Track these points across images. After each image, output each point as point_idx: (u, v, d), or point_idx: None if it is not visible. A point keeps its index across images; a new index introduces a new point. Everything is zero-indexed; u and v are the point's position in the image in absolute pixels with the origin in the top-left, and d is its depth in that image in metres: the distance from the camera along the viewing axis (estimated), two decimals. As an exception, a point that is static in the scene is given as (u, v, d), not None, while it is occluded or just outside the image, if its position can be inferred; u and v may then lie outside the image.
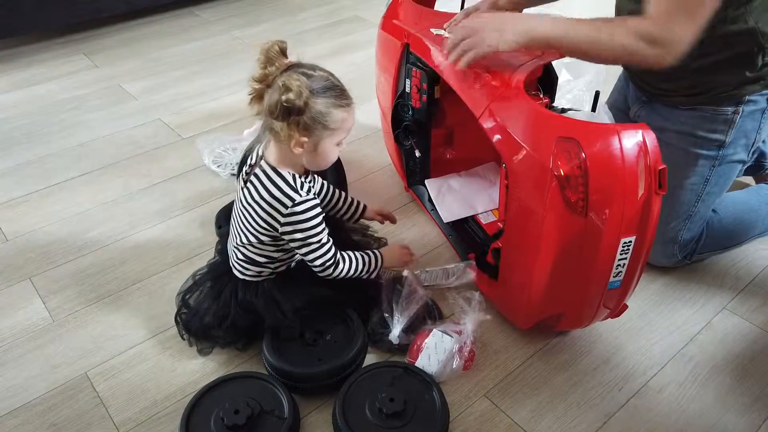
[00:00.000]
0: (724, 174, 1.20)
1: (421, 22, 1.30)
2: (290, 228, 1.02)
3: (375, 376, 1.05)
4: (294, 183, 1.02)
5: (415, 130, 1.38)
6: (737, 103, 1.13)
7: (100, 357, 1.16)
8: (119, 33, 2.52)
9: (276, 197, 1.01)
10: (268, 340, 1.10)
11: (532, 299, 1.05)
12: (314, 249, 1.05)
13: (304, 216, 1.02)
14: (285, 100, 0.92)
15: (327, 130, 0.98)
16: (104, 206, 1.55)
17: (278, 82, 0.93)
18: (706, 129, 1.15)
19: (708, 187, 1.20)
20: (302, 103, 0.93)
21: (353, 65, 2.22)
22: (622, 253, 0.92)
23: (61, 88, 2.11)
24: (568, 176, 0.89)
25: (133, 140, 1.82)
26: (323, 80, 0.97)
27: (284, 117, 0.94)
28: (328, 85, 0.97)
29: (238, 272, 1.13)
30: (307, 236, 1.03)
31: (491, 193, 1.46)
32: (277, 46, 0.96)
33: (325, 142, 1.00)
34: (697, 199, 1.21)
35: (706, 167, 1.18)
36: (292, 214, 1.01)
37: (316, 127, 0.96)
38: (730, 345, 1.17)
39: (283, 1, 2.83)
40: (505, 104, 1.02)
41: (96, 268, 1.36)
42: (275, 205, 1.01)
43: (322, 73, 0.98)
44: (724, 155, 1.17)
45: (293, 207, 1.00)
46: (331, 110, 0.97)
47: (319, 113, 0.96)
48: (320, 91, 0.96)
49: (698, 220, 1.24)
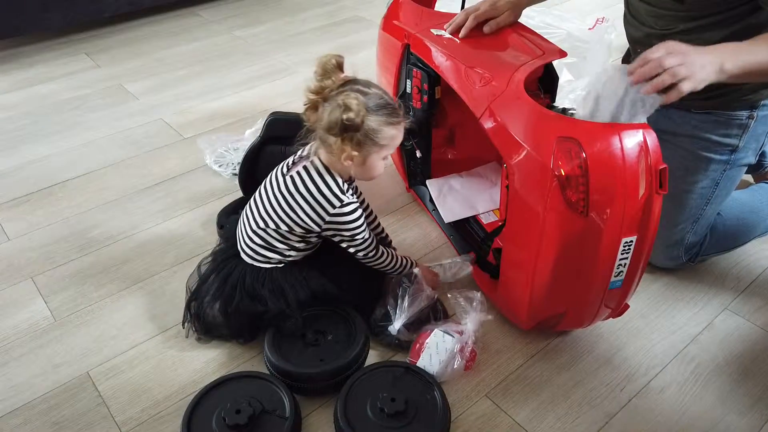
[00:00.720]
0: (732, 177, 1.20)
1: (422, 22, 1.30)
2: (335, 227, 1.08)
3: (376, 375, 1.06)
4: (342, 186, 1.06)
5: (416, 131, 1.38)
6: (752, 108, 1.13)
7: (101, 356, 1.16)
8: (121, 33, 2.53)
9: (325, 195, 1.05)
10: (270, 339, 1.10)
11: (534, 299, 1.05)
12: (358, 244, 1.11)
13: (350, 217, 1.07)
14: (346, 119, 0.96)
15: (377, 146, 1.02)
16: (106, 206, 1.56)
17: (338, 100, 0.98)
18: (720, 133, 1.15)
19: (717, 190, 1.20)
20: (360, 122, 0.97)
21: (354, 65, 2.19)
22: (623, 252, 0.92)
23: (63, 88, 2.12)
24: (568, 176, 0.89)
25: (134, 140, 1.82)
26: (377, 98, 1.01)
27: (341, 133, 0.99)
28: (382, 104, 1.01)
29: (248, 257, 1.13)
30: (353, 235, 1.09)
31: (492, 193, 1.46)
32: (335, 60, 1.01)
33: (374, 156, 1.04)
34: (706, 203, 1.21)
35: (718, 171, 1.18)
36: (338, 215, 1.06)
37: (367, 143, 1.01)
38: (731, 345, 1.17)
39: (284, 2, 2.83)
40: (506, 104, 1.02)
41: (98, 267, 1.37)
42: (323, 203, 1.05)
43: (377, 92, 1.02)
44: (735, 159, 1.17)
45: (340, 208, 1.05)
46: (383, 128, 1.01)
47: (372, 130, 1.00)
48: (374, 109, 1.00)
49: (705, 223, 1.24)
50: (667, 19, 1.13)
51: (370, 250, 1.13)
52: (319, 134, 1.03)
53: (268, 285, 1.11)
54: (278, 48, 2.38)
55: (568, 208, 0.91)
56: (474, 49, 1.20)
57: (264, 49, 2.37)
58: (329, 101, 1.00)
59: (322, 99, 1.01)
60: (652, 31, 1.17)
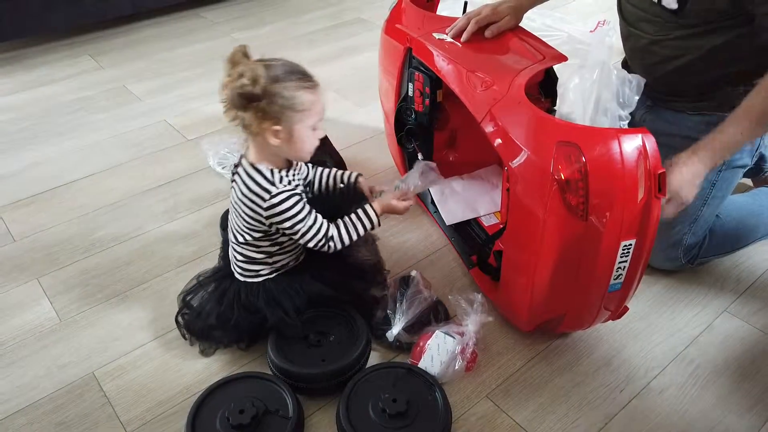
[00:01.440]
0: (729, 179, 1.21)
1: (424, 26, 1.31)
2: (276, 219, 1.04)
3: (378, 376, 1.07)
4: (271, 176, 1.04)
5: (418, 133, 1.39)
6: None
7: (106, 357, 1.17)
8: (124, 34, 2.54)
9: (255, 192, 1.03)
10: (273, 340, 1.11)
11: (534, 301, 1.06)
12: (304, 233, 1.06)
13: (284, 206, 1.03)
14: (239, 86, 0.93)
15: (297, 113, 0.98)
16: (110, 207, 1.57)
17: (233, 72, 0.95)
18: None
19: (714, 191, 1.21)
20: (259, 90, 0.94)
21: (357, 67, 2.23)
22: (623, 255, 0.93)
23: (67, 90, 2.13)
24: (568, 180, 0.90)
25: (138, 141, 1.84)
26: (284, 67, 0.98)
27: (245, 105, 0.96)
28: (289, 70, 0.98)
29: (238, 274, 1.15)
30: (294, 223, 1.04)
31: (493, 195, 1.47)
32: (240, 51, 0.98)
33: (298, 127, 1.00)
34: (703, 204, 1.22)
35: (713, 172, 1.19)
36: (272, 206, 1.03)
37: (285, 113, 0.97)
38: (730, 347, 1.18)
39: (287, 4, 2.84)
40: (507, 108, 1.03)
41: (102, 268, 1.38)
42: (255, 199, 1.03)
43: (284, 62, 1.00)
44: (730, 161, 1.18)
45: (271, 199, 1.02)
46: (296, 93, 0.97)
47: (284, 98, 0.96)
48: (282, 76, 0.97)
49: (703, 224, 1.25)
50: (660, 25, 1.14)
51: (320, 239, 1.07)
52: (240, 120, 0.99)
53: (263, 297, 1.12)
54: (281, 49, 2.39)
55: (567, 212, 0.92)
56: (475, 53, 1.21)
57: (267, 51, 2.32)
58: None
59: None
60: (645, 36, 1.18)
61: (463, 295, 1.16)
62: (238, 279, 1.15)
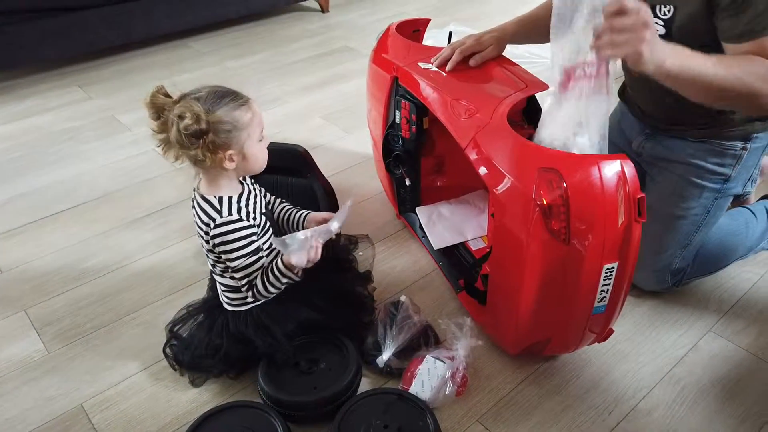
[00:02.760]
0: (722, 206, 1.24)
1: (410, 56, 1.34)
2: (219, 248, 1.04)
3: (369, 403, 1.07)
4: (219, 205, 1.04)
5: (406, 160, 1.42)
6: (745, 139, 1.17)
7: (95, 388, 1.17)
8: (113, 65, 2.57)
9: (204, 222, 1.05)
10: (263, 368, 1.11)
11: (520, 325, 1.07)
12: (235, 268, 1.06)
13: (227, 238, 1.03)
14: (183, 127, 0.94)
15: (242, 132, 1.00)
16: (99, 237, 1.57)
17: (170, 117, 0.96)
18: (715, 162, 1.19)
19: (707, 218, 1.24)
20: (204, 125, 0.96)
21: (344, 94, 2.26)
22: (606, 278, 0.95)
23: (56, 120, 2.14)
24: (550, 205, 0.92)
25: (127, 171, 1.85)
26: (212, 94, 0.99)
27: (194, 143, 0.97)
28: (219, 95, 1.00)
29: (226, 304, 1.15)
30: (230, 256, 1.04)
31: (480, 220, 1.49)
32: (158, 92, 0.99)
33: (248, 144, 1.02)
34: (697, 229, 1.25)
35: (710, 199, 1.21)
36: (215, 235, 1.04)
37: (231, 136, 0.99)
38: (716, 367, 1.20)
39: (275, 33, 2.89)
40: (490, 136, 1.05)
41: (91, 299, 1.38)
42: (204, 228, 1.05)
43: (209, 89, 1.01)
44: (727, 189, 1.21)
45: (214, 228, 1.03)
46: (233, 114, 0.99)
47: (226, 123, 0.98)
48: (216, 103, 0.98)
49: (693, 249, 1.27)
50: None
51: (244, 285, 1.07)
52: (189, 160, 1.01)
53: (251, 325, 1.12)
54: (269, 78, 2.43)
55: (550, 236, 0.94)
56: (459, 82, 1.24)
57: (257, 79, 2.41)
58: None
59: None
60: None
61: (452, 319, 1.17)
62: (226, 309, 1.15)
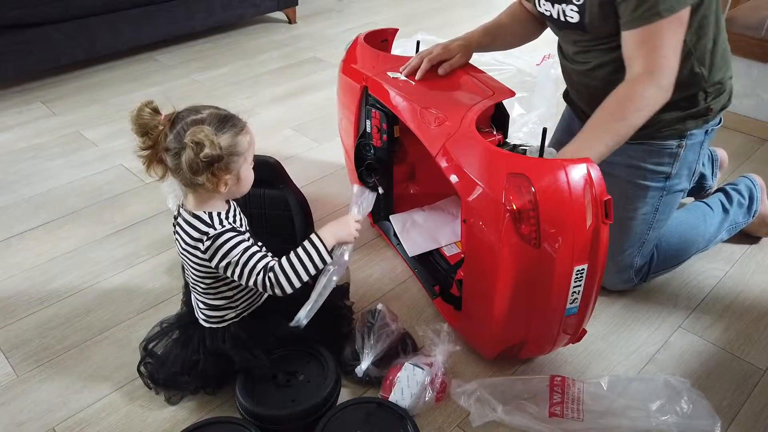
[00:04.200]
0: (670, 202, 1.28)
1: (378, 66, 1.36)
2: (221, 261, 1.02)
3: (349, 413, 1.06)
4: (210, 220, 1.03)
5: (378, 168, 1.42)
6: (680, 137, 1.21)
7: (67, 411, 1.14)
8: (77, 80, 2.52)
9: (195, 238, 1.02)
10: (241, 383, 1.10)
11: (494, 329, 1.08)
12: (248, 274, 1.02)
13: (225, 247, 1.01)
14: (204, 156, 0.94)
15: (240, 157, 1.01)
16: (67, 255, 1.54)
17: (185, 141, 0.94)
18: (654, 162, 1.23)
19: (658, 215, 1.27)
20: (219, 150, 0.95)
21: (314, 105, 2.26)
22: (576, 280, 0.97)
23: (19, 137, 2.09)
24: (520, 210, 0.93)
25: (94, 187, 1.81)
26: (215, 117, 0.99)
27: (207, 169, 0.96)
28: (222, 119, 0.99)
29: (203, 321, 1.14)
30: (237, 264, 1.02)
31: (454, 226, 1.51)
32: (146, 108, 0.97)
33: (243, 168, 1.03)
34: (649, 227, 1.28)
35: (656, 198, 1.25)
36: (211, 249, 1.02)
37: (231, 161, 0.99)
38: (687, 362, 1.23)
39: (241, 46, 2.88)
40: (459, 143, 1.07)
41: (60, 319, 1.34)
42: (197, 245, 1.02)
43: (210, 111, 1.00)
44: (670, 186, 1.25)
45: (209, 241, 1.01)
46: (236, 140, 0.99)
47: (229, 147, 0.98)
48: (220, 128, 0.97)
49: (649, 245, 1.31)
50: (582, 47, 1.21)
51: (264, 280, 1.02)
52: (184, 182, 1.00)
53: (229, 341, 1.11)
54: (238, 90, 2.42)
55: (521, 241, 0.95)
56: (428, 90, 1.25)
57: (223, 92, 2.40)
58: (170, 147, 0.97)
59: (163, 149, 0.98)
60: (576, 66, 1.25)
61: (430, 325, 1.18)
62: (202, 325, 1.14)
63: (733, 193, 1.47)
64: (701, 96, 1.19)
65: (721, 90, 1.22)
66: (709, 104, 1.20)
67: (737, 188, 1.48)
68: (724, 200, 1.45)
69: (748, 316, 1.33)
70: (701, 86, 1.18)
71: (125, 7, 2.52)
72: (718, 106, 1.22)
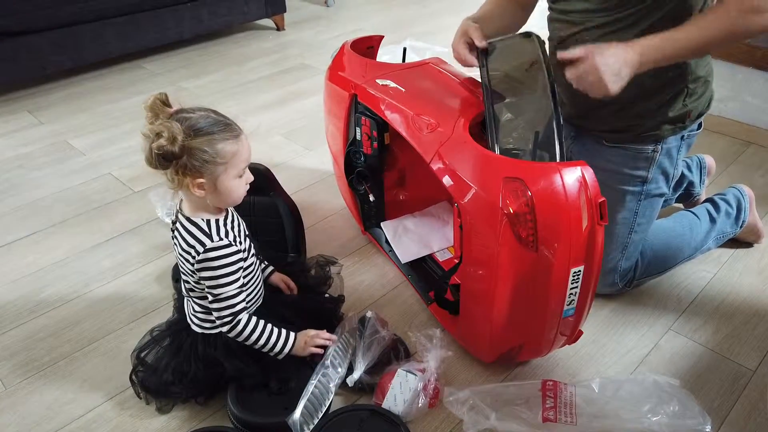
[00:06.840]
0: (650, 206, 1.29)
1: (367, 73, 1.36)
2: (204, 273, 1.01)
3: (343, 420, 1.06)
4: (208, 228, 1.01)
5: (368, 175, 1.43)
6: (656, 142, 1.23)
7: (56, 423, 1.12)
8: (64, 89, 2.50)
9: (190, 244, 1.01)
10: (233, 391, 1.09)
11: (494, 333, 1.08)
12: (219, 303, 1.02)
13: (216, 263, 1.00)
14: (156, 147, 0.92)
15: (219, 166, 0.97)
16: (55, 266, 1.52)
17: (146, 130, 0.93)
18: (630, 166, 1.25)
19: (638, 218, 1.29)
20: (177, 148, 0.92)
21: (302, 112, 2.26)
22: (573, 282, 0.97)
23: (6, 147, 2.07)
24: (517, 213, 0.94)
25: (83, 196, 1.80)
26: (204, 118, 0.96)
27: (163, 164, 0.94)
28: (211, 122, 0.96)
29: (195, 326, 1.13)
30: (214, 284, 1.01)
31: (446, 231, 1.51)
32: (158, 99, 0.96)
33: (223, 178, 0.98)
34: (630, 231, 1.29)
35: (634, 202, 1.27)
36: (203, 260, 1.00)
37: (205, 166, 0.95)
38: (677, 364, 1.24)
39: (229, 53, 2.87)
40: (453, 148, 1.07)
41: (48, 330, 1.32)
42: (190, 251, 1.02)
43: (203, 112, 0.97)
44: (648, 190, 1.27)
45: (204, 252, 1.00)
46: (217, 147, 0.95)
47: (204, 152, 0.94)
48: (204, 128, 0.95)
49: (633, 249, 1.32)
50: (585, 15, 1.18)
51: (225, 315, 1.03)
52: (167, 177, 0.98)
53: (221, 348, 1.10)
54: (226, 97, 2.41)
55: (519, 244, 0.96)
56: (419, 97, 1.25)
57: (211, 99, 2.39)
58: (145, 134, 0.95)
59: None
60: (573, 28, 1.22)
61: (422, 331, 1.18)
62: (194, 331, 1.13)
63: (721, 203, 1.48)
64: (682, 96, 1.20)
65: (702, 91, 1.22)
66: (688, 107, 1.21)
67: (725, 198, 1.49)
68: (711, 210, 1.47)
69: (737, 317, 1.34)
70: (685, 80, 1.18)
71: (112, 15, 2.51)
72: (696, 111, 1.23)
